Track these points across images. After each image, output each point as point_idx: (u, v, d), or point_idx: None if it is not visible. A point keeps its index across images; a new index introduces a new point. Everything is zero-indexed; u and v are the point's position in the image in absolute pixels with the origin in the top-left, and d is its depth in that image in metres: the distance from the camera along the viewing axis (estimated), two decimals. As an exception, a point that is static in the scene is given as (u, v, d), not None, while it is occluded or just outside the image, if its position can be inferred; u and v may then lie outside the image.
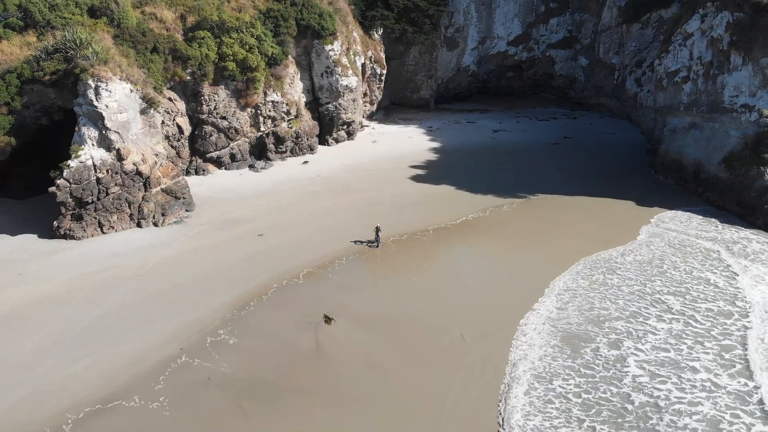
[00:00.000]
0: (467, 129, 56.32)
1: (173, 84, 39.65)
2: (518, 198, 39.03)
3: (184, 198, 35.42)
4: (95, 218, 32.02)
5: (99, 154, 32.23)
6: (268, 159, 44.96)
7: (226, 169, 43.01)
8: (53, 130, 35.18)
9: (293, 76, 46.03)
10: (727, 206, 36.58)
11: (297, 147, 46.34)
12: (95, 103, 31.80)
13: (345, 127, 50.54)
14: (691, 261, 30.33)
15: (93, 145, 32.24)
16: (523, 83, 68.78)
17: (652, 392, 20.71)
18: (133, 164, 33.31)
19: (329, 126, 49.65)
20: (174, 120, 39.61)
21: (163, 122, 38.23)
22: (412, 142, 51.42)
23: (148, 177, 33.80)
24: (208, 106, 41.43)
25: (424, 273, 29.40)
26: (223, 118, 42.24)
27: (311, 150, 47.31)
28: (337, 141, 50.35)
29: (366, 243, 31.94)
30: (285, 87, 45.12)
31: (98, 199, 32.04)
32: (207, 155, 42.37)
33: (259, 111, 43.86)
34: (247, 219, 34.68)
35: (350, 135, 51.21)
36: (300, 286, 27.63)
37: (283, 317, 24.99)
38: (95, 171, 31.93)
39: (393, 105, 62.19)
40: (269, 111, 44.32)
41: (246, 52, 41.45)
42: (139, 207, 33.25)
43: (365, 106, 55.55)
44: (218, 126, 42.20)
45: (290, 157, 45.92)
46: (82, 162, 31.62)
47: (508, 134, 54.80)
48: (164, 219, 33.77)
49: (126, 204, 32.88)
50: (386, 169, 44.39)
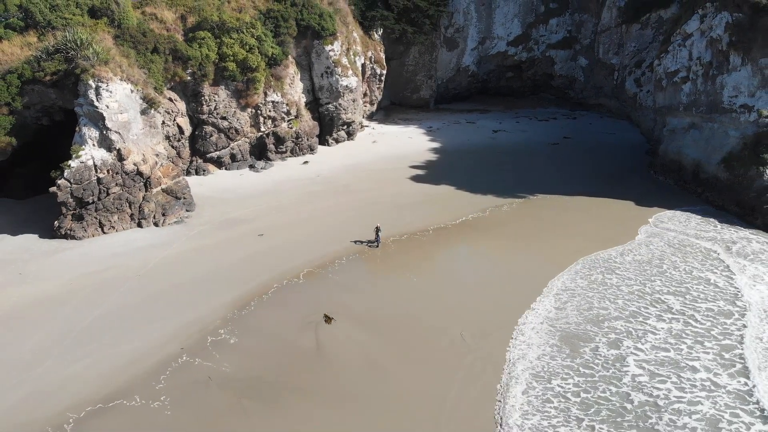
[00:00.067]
0: (467, 129, 56.37)
1: (174, 84, 39.71)
2: (518, 198, 39.08)
3: (185, 198, 35.49)
4: (96, 218, 32.08)
5: (100, 155, 32.30)
6: (269, 159, 45.02)
7: (227, 169, 43.08)
8: (54, 131, 35.24)
9: (293, 77, 46.10)
10: (727, 206, 36.64)
11: (297, 147, 46.40)
12: (96, 104, 31.86)
13: (345, 128, 50.61)
14: (691, 261, 30.37)
15: (94, 146, 32.31)
16: (523, 83, 68.87)
17: (652, 391, 20.75)
18: (134, 164, 33.37)
19: (329, 126, 49.72)
20: (174, 120, 39.67)
21: (164, 122, 38.29)
22: (412, 143, 51.48)
23: (149, 177, 33.87)
24: (209, 107, 41.50)
25: (424, 273, 29.46)
26: (224, 119, 42.30)
27: (311, 150, 47.38)
28: (337, 141, 50.43)
29: (366, 243, 32.00)
30: (285, 87, 45.19)
31: (99, 199, 32.11)
32: (207, 155, 42.44)
33: (260, 111, 43.92)
34: (248, 219, 34.74)
35: (350, 135, 51.28)
36: (300, 286, 27.69)
37: (284, 317, 25.06)
38: (96, 171, 31.99)
39: (393, 105, 62.24)
40: (269, 111, 44.39)
41: (246, 53, 41.52)
42: (140, 207, 33.32)
43: (365, 107, 55.61)
44: (218, 126, 42.27)
45: (290, 158, 45.99)
46: (83, 162, 31.68)
47: (508, 134, 54.85)
48: (165, 219, 33.84)
49: (126, 204, 32.94)
50: (386, 169, 44.44)
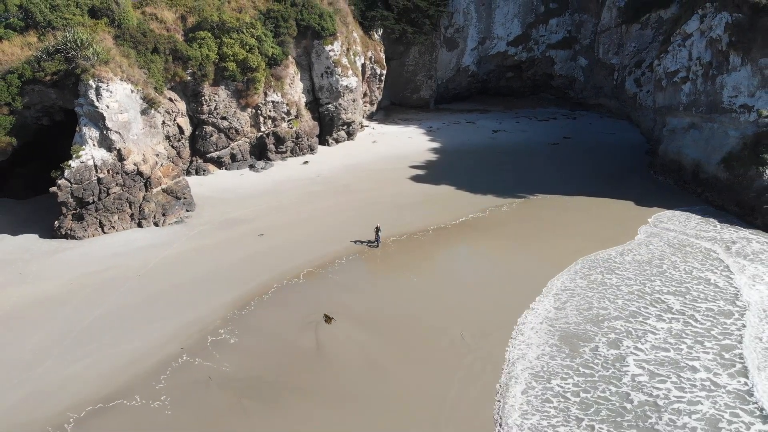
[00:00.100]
0: (467, 129, 56.40)
1: (174, 84, 39.73)
2: (518, 198, 39.10)
3: (185, 198, 35.51)
4: (96, 218, 32.10)
5: (100, 155, 32.32)
6: (269, 159, 45.04)
7: (227, 169, 43.10)
8: (54, 131, 35.26)
9: (293, 77, 46.12)
10: (726, 206, 36.65)
11: (297, 147, 46.43)
12: (96, 104, 31.88)
13: (345, 128, 50.63)
14: (691, 261, 30.38)
15: (94, 146, 32.33)
16: (523, 83, 68.90)
17: (652, 391, 20.76)
18: (134, 164, 33.39)
19: (329, 126, 49.74)
20: (174, 120, 39.69)
21: (164, 122, 38.31)
22: (412, 143, 51.50)
23: (149, 177, 33.89)
24: (209, 107, 41.52)
25: (424, 273, 29.48)
26: (224, 119, 42.32)
27: (311, 150, 47.40)
28: (337, 141, 50.46)
29: (366, 243, 32.02)
30: (285, 87, 45.21)
31: (99, 199, 32.13)
32: (207, 155, 42.46)
33: (260, 111, 43.94)
34: (248, 219, 34.76)
35: (350, 135, 51.30)
36: (300, 286, 27.72)
37: (284, 317, 25.08)
38: (96, 171, 32.02)
39: (393, 105, 62.27)
40: (269, 111, 44.41)
41: (246, 53, 41.54)
42: (140, 207, 33.34)
43: (365, 107, 55.63)
44: (219, 126, 42.29)
45: (290, 157, 46.01)
46: (83, 162, 31.70)
47: (508, 134, 54.87)
48: (165, 219, 33.86)
49: (127, 204, 32.96)
50: (386, 169, 44.47)
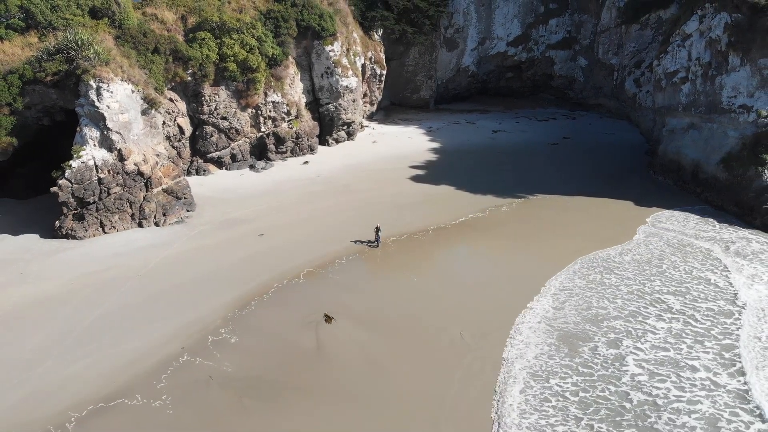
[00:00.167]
0: (467, 129, 56.47)
1: (174, 85, 39.79)
2: (517, 198, 39.16)
3: (185, 198, 35.57)
4: (97, 218, 32.15)
5: (100, 155, 32.38)
6: (269, 159, 45.10)
7: (227, 170, 43.16)
8: (55, 131, 35.33)
9: (293, 77, 46.19)
10: (726, 206, 36.71)
11: (297, 147, 46.49)
12: (97, 104, 31.94)
13: (345, 128, 50.70)
14: (691, 261, 30.42)
15: (94, 146, 32.39)
16: (523, 84, 69.00)
17: (651, 391, 20.79)
18: (135, 164, 33.45)
19: (329, 126, 49.81)
20: (175, 120, 39.76)
21: (164, 123, 38.38)
22: (412, 143, 51.56)
23: (150, 177, 33.95)
24: (209, 107, 41.59)
25: (424, 273, 29.52)
26: (224, 119, 42.39)
27: (311, 150, 47.46)
28: (338, 141, 50.52)
29: (366, 243, 32.08)
30: (285, 88, 45.27)
31: (100, 199, 32.19)
32: (208, 155, 42.53)
33: (260, 111, 44.01)
34: (248, 219, 34.81)
35: (350, 135, 51.37)
36: (300, 286, 27.77)
37: (284, 316, 25.13)
38: (97, 171, 32.08)
39: (393, 105, 62.35)
40: (270, 111, 44.47)
41: (246, 53, 41.61)
42: (141, 207, 33.40)
43: (365, 107, 55.70)
44: (219, 126, 42.35)
45: (290, 158, 46.08)
46: (84, 162, 31.76)
47: (508, 134, 54.94)
48: (165, 219, 33.91)
49: (127, 204, 33.02)
50: (386, 170, 44.53)
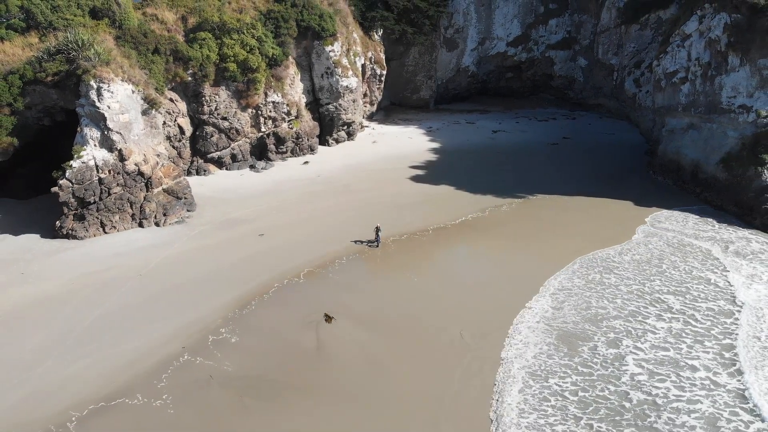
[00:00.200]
0: (467, 129, 56.51)
1: (174, 85, 39.84)
2: (517, 198, 39.20)
3: (186, 198, 35.61)
4: (97, 218, 32.20)
5: (101, 155, 32.43)
6: (269, 159, 45.15)
7: (227, 170, 43.21)
8: (55, 131, 35.38)
9: (294, 77, 46.23)
10: (725, 206, 36.75)
11: (297, 147, 46.53)
12: (97, 104, 31.99)
13: (345, 128, 50.74)
14: (691, 261, 30.44)
15: (95, 146, 32.44)
16: (523, 84, 69.03)
17: (651, 390, 20.82)
18: (135, 164, 33.50)
19: (329, 126, 49.86)
20: (175, 120, 39.81)
21: (165, 123, 38.44)
22: (412, 143, 51.61)
23: (150, 177, 34.00)
24: (209, 107, 41.63)
25: (424, 272, 29.57)
26: (224, 119, 42.44)
27: (311, 150, 47.51)
28: (338, 141, 50.57)
29: (366, 243, 32.12)
30: (285, 88, 45.32)
31: (100, 199, 32.23)
32: (208, 155, 42.57)
33: (260, 112, 44.06)
34: (248, 219, 34.86)
35: (350, 135, 51.41)
36: (301, 286, 27.81)
37: (284, 316, 25.18)
38: (97, 171, 32.13)
39: (393, 105, 62.39)
40: (270, 112, 44.52)
41: (247, 53, 41.65)
42: (141, 207, 33.44)
43: (365, 107, 55.75)
44: (219, 126, 42.40)
45: (291, 158, 46.12)
46: (85, 162, 31.81)
47: (508, 135, 54.98)
48: (166, 219, 33.96)
49: (128, 204, 33.06)
50: (386, 170, 44.57)
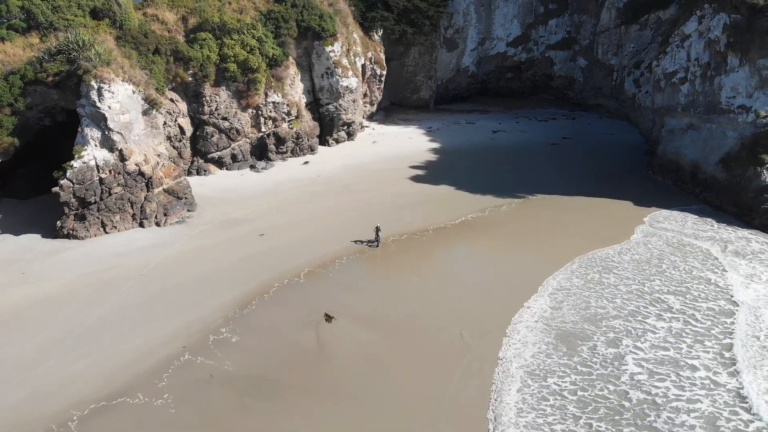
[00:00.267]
0: (467, 129, 56.57)
1: (175, 85, 39.90)
2: (517, 198, 39.26)
3: (186, 198, 35.67)
4: (98, 218, 32.25)
5: (102, 155, 32.49)
6: (269, 159, 45.20)
7: (228, 170, 43.27)
8: (56, 131, 35.44)
9: (294, 77, 46.29)
10: (725, 206, 36.80)
11: (297, 147, 46.59)
12: (98, 104, 32.05)
13: (345, 128, 50.80)
14: (691, 260, 30.48)
15: (96, 146, 32.50)
16: (523, 84, 69.09)
17: (650, 390, 20.86)
18: (136, 165, 33.56)
19: (329, 126, 49.92)
20: (176, 121, 39.87)
21: (165, 123, 38.50)
22: (412, 143, 51.66)
23: (151, 177, 34.06)
24: (210, 107, 41.69)
25: (424, 272, 29.62)
26: (225, 119, 42.50)
27: (312, 150, 47.57)
28: (338, 141, 50.63)
29: (366, 243, 32.18)
30: (286, 88, 45.37)
31: (101, 199, 32.29)
32: (208, 156, 42.63)
33: (260, 112, 44.12)
34: (249, 219, 34.91)
35: (350, 135, 51.47)
36: (301, 286, 27.87)
37: (285, 316, 25.24)
38: (98, 171, 32.19)
39: (393, 106, 62.44)
40: (270, 112, 44.58)
41: (247, 54, 41.71)
42: (142, 207, 33.50)
43: (365, 107, 55.81)
44: (219, 127, 42.46)
45: (291, 158, 46.18)
46: (85, 162, 31.87)
47: (508, 135, 55.04)
48: (166, 219, 34.02)
49: (128, 204, 33.12)
50: (386, 170, 44.63)
